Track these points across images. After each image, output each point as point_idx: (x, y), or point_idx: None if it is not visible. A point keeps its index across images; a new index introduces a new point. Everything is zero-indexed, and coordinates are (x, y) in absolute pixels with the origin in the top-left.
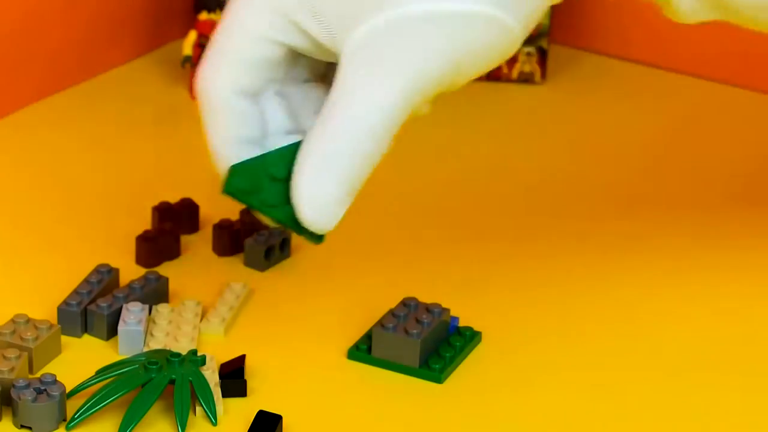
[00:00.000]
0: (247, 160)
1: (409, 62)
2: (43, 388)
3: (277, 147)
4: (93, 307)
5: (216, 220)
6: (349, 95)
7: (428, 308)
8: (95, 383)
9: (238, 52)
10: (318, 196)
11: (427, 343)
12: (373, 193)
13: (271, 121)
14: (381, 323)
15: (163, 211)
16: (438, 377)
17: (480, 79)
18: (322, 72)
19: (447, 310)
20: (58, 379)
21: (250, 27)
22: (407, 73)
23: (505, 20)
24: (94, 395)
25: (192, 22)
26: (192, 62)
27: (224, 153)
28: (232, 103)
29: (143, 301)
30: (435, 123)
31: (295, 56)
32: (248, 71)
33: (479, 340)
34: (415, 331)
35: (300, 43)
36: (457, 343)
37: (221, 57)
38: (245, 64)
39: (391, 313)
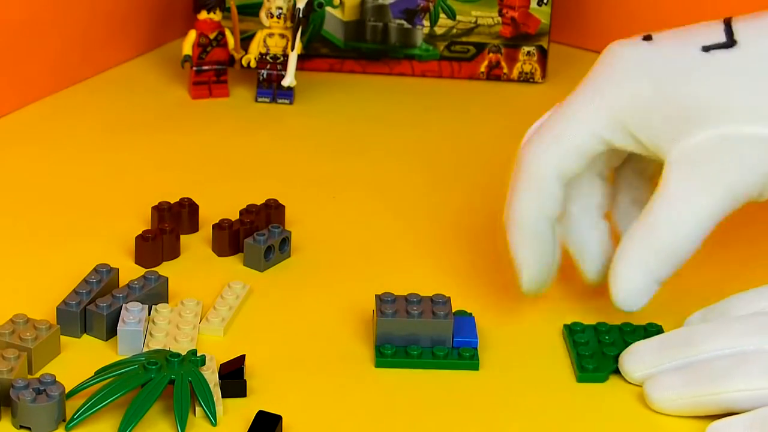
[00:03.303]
0: None
1: (727, 177)
2: (42, 388)
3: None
4: (92, 307)
5: (216, 220)
6: (671, 202)
7: (433, 299)
8: (95, 383)
9: (571, 141)
10: (632, 286)
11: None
12: (373, 192)
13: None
14: (408, 310)
15: (162, 211)
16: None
17: (480, 78)
18: (615, 166)
19: (448, 299)
20: (57, 379)
21: (587, 122)
22: (725, 187)
23: None
24: (93, 395)
25: (192, 22)
26: (192, 62)
27: (525, 223)
28: (551, 184)
29: (143, 301)
30: (436, 122)
31: (609, 152)
32: (575, 160)
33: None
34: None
35: (625, 144)
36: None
37: (554, 141)
38: (574, 153)
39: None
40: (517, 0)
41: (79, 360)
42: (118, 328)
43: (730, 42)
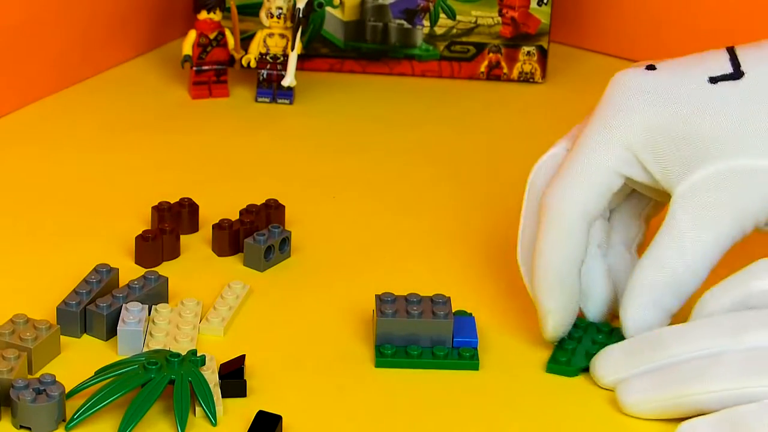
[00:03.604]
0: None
1: (735, 210)
2: (42, 388)
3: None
4: (92, 307)
5: (216, 220)
6: (679, 236)
7: (433, 299)
8: (95, 383)
9: (593, 180)
10: (643, 321)
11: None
12: (373, 192)
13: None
14: (407, 310)
15: (162, 211)
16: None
17: (480, 78)
18: (614, 207)
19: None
20: (57, 379)
21: (604, 159)
22: (733, 219)
23: None
24: (93, 395)
25: (192, 22)
26: (192, 62)
27: (553, 270)
28: (577, 227)
29: (143, 301)
30: (436, 122)
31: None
32: (599, 200)
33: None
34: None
35: (638, 177)
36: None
37: (576, 183)
38: (597, 192)
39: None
40: (517, 0)
41: (79, 360)
42: (118, 328)
43: (738, 74)
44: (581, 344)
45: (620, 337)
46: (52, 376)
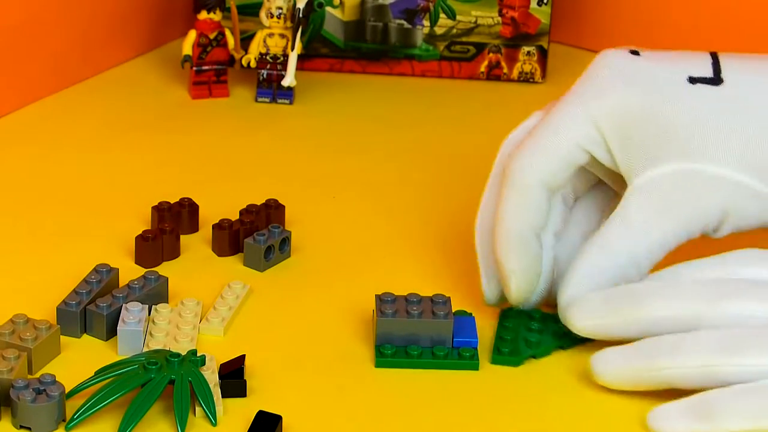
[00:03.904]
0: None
1: (686, 212)
2: (42, 388)
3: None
4: (92, 307)
5: (216, 220)
6: (628, 227)
7: (433, 299)
8: (95, 383)
9: (557, 150)
10: (583, 312)
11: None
12: (373, 192)
13: (550, 220)
14: (407, 310)
15: (162, 211)
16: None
17: (480, 78)
18: (579, 196)
19: (448, 299)
20: (57, 379)
21: (572, 133)
22: (682, 220)
23: None
24: (93, 395)
25: (192, 22)
26: (192, 62)
27: (513, 233)
28: (537, 192)
29: (143, 301)
30: (436, 122)
31: (580, 178)
32: (559, 169)
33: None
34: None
35: (601, 158)
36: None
37: (541, 151)
38: (559, 163)
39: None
40: (517, 0)
41: (79, 360)
42: (118, 328)
43: (717, 80)
44: (519, 334)
45: (555, 322)
46: (52, 376)
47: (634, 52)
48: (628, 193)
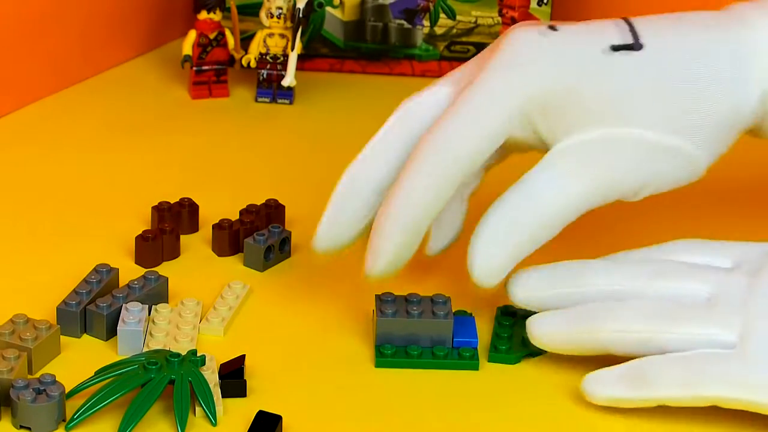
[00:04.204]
0: None
1: (604, 174)
2: (42, 388)
3: None
4: (92, 307)
5: (216, 220)
6: (544, 183)
7: (433, 299)
8: (95, 383)
9: (483, 130)
10: (488, 262)
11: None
12: None
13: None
14: (407, 310)
15: (162, 211)
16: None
17: None
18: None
19: (448, 299)
20: (57, 379)
21: (498, 113)
22: (601, 181)
23: (698, 156)
24: (93, 395)
25: (192, 22)
26: (192, 62)
27: (418, 216)
28: (457, 178)
29: (143, 301)
30: None
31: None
32: (484, 151)
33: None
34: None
35: (525, 137)
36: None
37: (466, 130)
38: (485, 143)
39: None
40: (517, 0)
41: (79, 360)
42: (118, 328)
43: (637, 45)
44: (516, 332)
45: None
46: (52, 376)
47: (552, 27)
48: (546, 155)
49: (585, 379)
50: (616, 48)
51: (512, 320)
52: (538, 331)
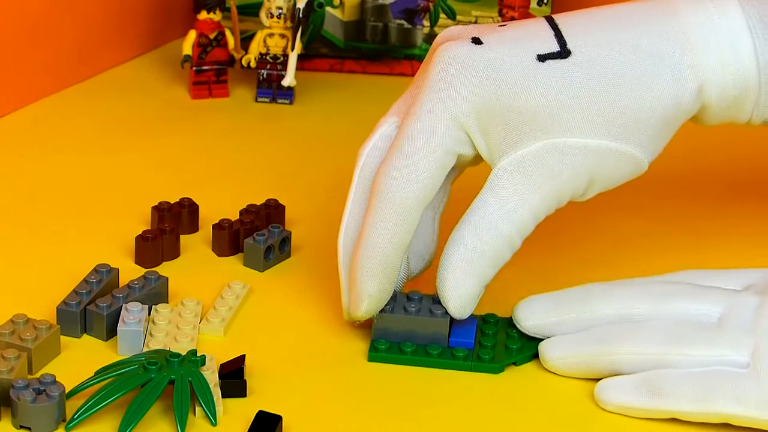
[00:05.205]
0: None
1: (550, 184)
2: (42, 388)
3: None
4: (92, 307)
5: (216, 220)
6: (492, 211)
7: (433, 298)
8: (95, 383)
9: (429, 163)
10: (464, 292)
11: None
12: None
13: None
14: (404, 307)
15: (162, 211)
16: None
17: None
18: (454, 178)
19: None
20: (57, 379)
21: (438, 139)
22: (547, 193)
23: (639, 155)
24: (93, 395)
25: (192, 22)
26: (192, 62)
27: (384, 252)
28: (413, 210)
29: (143, 301)
30: None
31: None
32: (433, 180)
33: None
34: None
35: (469, 155)
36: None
37: (410, 164)
38: (431, 173)
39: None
40: (517, 0)
41: (79, 360)
42: (118, 328)
43: (564, 52)
44: (499, 340)
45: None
46: (52, 376)
47: (476, 41)
48: (492, 175)
49: (599, 386)
50: (542, 57)
51: (495, 329)
52: (550, 354)
